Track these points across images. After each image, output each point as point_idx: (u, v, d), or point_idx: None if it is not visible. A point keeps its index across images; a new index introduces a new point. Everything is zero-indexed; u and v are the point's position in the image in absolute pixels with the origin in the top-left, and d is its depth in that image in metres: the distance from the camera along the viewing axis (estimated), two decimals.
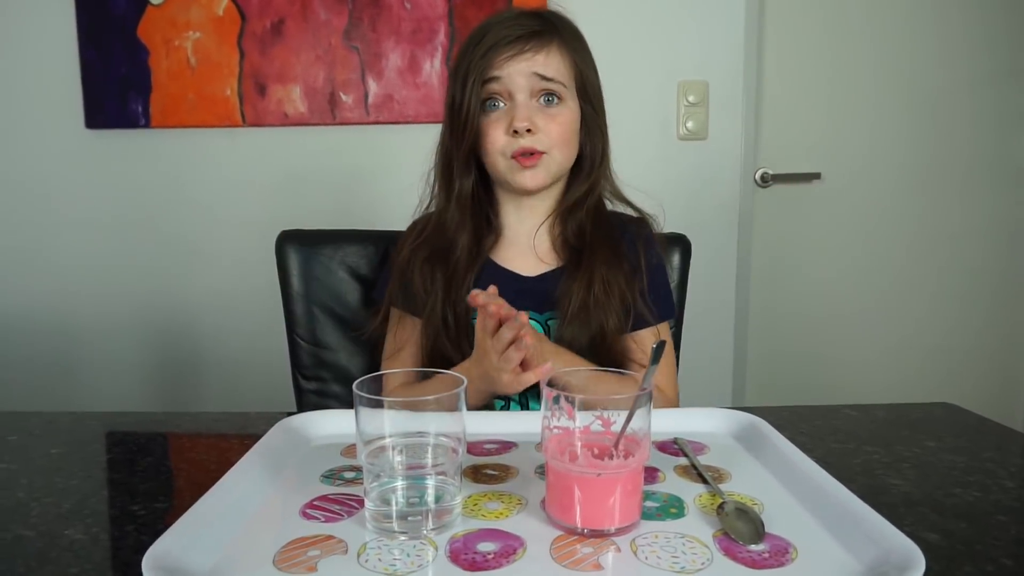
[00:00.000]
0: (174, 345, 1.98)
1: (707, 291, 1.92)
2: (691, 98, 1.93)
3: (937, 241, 2.12)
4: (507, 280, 0.99)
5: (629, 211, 1.05)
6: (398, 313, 1.03)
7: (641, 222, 1.05)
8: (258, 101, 1.88)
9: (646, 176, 2.03)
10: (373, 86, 1.88)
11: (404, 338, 1.02)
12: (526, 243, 1.02)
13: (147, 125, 1.88)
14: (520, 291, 0.97)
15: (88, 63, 1.86)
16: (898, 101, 2.05)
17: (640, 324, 0.99)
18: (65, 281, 1.96)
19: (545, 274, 1.00)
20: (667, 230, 1.15)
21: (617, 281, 0.96)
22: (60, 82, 1.88)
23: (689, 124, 1.94)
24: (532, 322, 0.97)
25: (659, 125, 1.94)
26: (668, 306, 1.05)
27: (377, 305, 1.06)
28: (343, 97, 1.89)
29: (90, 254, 1.95)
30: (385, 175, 1.89)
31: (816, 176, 2.04)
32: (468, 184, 0.98)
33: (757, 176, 2.01)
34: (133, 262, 1.95)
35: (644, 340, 0.99)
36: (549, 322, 0.99)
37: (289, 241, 1.16)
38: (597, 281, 0.95)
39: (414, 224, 1.06)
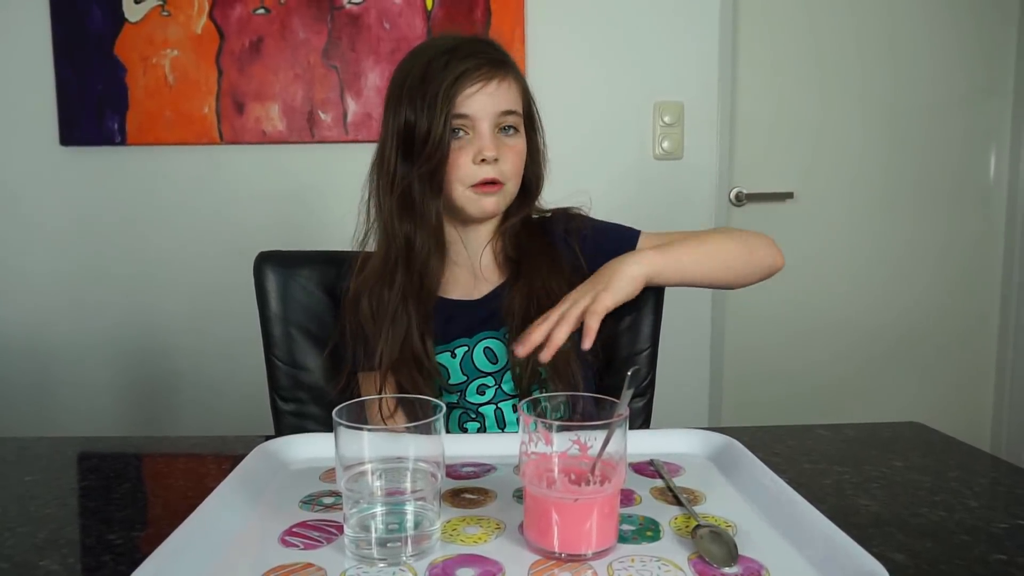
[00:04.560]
0: (150, 364, 1.95)
1: (683, 310, 1.94)
2: (667, 118, 1.96)
3: (908, 259, 2.17)
4: (456, 309, 1.00)
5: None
6: (363, 374, 1.02)
7: (562, 217, 1.05)
8: (236, 119, 1.88)
9: (622, 195, 2.05)
10: (352, 105, 1.89)
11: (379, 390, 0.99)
12: (470, 268, 1.02)
13: (123, 142, 1.87)
14: (471, 317, 0.99)
15: (63, 79, 1.85)
16: (869, 121, 2.10)
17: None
18: (39, 300, 1.94)
19: (491, 293, 1.01)
20: None
21: (560, 288, 0.94)
22: (34, 98, 1.87)
23: (665, 144, 1.97)
24: (491, 340, 0.99)
25: (635, 145, 1.97)
26: (629, 233, 1.03)
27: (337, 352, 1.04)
28: (322, 115, 1.89)
29: (64, 273, 1.93)
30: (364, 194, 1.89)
31: (789, 195, 2.08)
32: (438, 207, 0.95)
33: (731, 195, 2.05)
34: (108, 280, 1.93)
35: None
36: (507, 335, 0.98)
37: (267, 262, 1.16)
38: (538, 292, 0.95)
39: (358, 262, 1.02)
